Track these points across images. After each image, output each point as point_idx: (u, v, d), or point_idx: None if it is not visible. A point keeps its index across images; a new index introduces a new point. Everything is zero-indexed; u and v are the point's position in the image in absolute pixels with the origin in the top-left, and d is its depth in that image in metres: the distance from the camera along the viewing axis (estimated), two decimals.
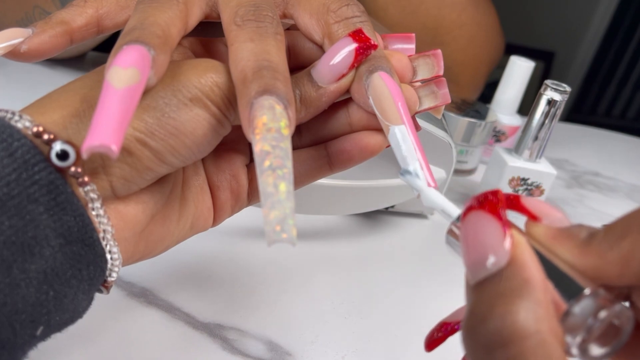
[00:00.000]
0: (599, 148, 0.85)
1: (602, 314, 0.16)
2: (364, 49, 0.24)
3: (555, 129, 0.51)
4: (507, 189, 0.52)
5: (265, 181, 0.20)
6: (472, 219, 0.18)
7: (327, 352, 0.35)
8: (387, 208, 0.51)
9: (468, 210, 0.18)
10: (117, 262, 0.24)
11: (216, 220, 0.29)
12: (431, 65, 0.27)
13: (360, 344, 0.36)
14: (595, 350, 0.17)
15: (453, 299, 0.42)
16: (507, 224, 0.17)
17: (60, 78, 0.63)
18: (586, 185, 0.70)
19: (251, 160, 0.29)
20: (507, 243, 0.17)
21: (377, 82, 0.24)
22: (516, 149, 0.52)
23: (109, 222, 0.23)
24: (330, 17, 0.26)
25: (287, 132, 0.21)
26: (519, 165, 0.51)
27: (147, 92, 0.22)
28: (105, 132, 0.19)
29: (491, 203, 0.18)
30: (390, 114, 0.24)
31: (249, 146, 0.29)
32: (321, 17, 0.26)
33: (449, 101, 0.27)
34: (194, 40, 0.28)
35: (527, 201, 0.19)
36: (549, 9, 2.17)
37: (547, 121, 0.49)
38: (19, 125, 0.21)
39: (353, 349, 0.36)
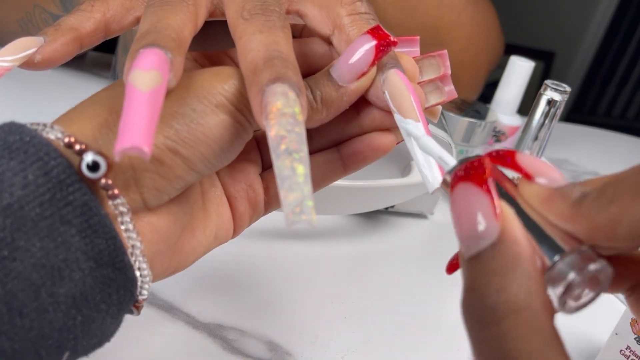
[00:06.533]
0: (599, 148, 0.85)
1: (592, 266, 0.17)
2: (385, 46, 0.24)
3: (555, 129, 0.51)
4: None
5: (282, 164, 0.19)
6: (460, 192, 0.18)
7: (327, 352, 0.35)
8: (387, 208, 0.51)
9: (456, 181, 0.18)
10: (147, 279, 0.23)
11: (236, 230, 0.29)
12: (436, 66, 0.27)
13: (360, 344, 0.36)
14: (573, 302, 0.17)
15: (453, 299, 0.42)
16: (494, 197, 0.18)
17: (61, 77, 0.63)
18: None
19: (264, 169, 0.29)
20: (497, 219, 0.17)
21: (394, 78, 0.24)
22: (516, 149, 0.52)
23: (138, 237, 0.22)
24: (344, 9, 0.25)
25: (302, 118, 0.21)
26: None
27: (172, 99, 0.22)
28: (135, 134, 0.18)
29: (477, 173, 0.18)
30: (408, 110, 0.24)
31: (260, 155, 0.29)
32: (332, 9, 0.26)
33: (456, 96, 0.27)
34: (199, 54, 0.28)
35: (523, 159, 0.19)
36: (549, 9, 2.17)
37: (547, 121, 0.49)
38: (51, 136, 0.21)
39: (353, 349, 0.36)
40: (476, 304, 0.17)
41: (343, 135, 0.28)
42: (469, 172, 0.18)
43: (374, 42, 0.24)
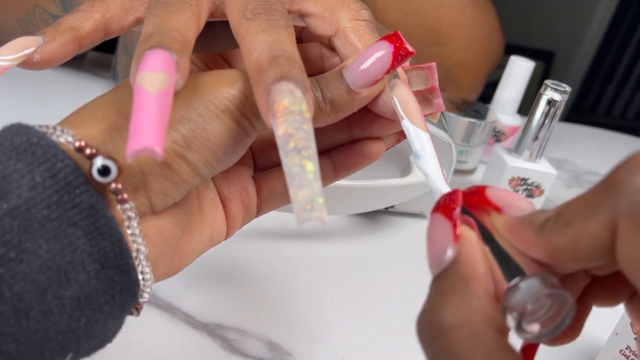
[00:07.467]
0: (599, 148, 0.85)
1: (550, 292, 0.17)
2: (402, 56, 0.24)
3: (555, 129, 0.51)
4: (507, 189, 0.52)
5: (290, 162, 0.19)
6: (431, 220, 0.20)
7: (327, 352, 0.35)
8: (387, 208, 0.51)
9: (432, 211, 0.20)
10: (148, 283, 0.23)
11: (229, 232, 0.29)
12: (424, 77, 0.27)
13: (360, 344, 0.36)
14: (530, 327, 0.18)
15: None
16: (456, 226, 0.19)
17: (61, 77, 0.63)
18: (586, 185, 0.70)
19: (256, 171, 0.29)
20: (452, 245, 0.18)
21: (401, 88, 0.24)
22: (516, 149, 0.52)
23: (143, 241, 0.23)
24: (349, 13, 0.25)
25: (309, 115, 0.20)
26: (519, 165, 0.51)
27: (179, 103, 0.22)
28: (147, 135, 0.18)
29: (446, 204, 0.19)
30: (417, 120, 0.24)
31: (252, 158, 0.29)
32: (337, 11, 0.25)
33: (443, 109, 0.27)
34: (195, 56, 0.28)
35: (491, 192, 0.20)
36: (549, 9, 2.17)
37: (547, 121, 0.49)
38: (61, 139, 0.21)
39: (353, 349, 0.36)
40: (426, 319, 0.18)
41: (333, 143, 0.28)
42: (440, 203, 0.20)
43: (391, 50, 0.24)
